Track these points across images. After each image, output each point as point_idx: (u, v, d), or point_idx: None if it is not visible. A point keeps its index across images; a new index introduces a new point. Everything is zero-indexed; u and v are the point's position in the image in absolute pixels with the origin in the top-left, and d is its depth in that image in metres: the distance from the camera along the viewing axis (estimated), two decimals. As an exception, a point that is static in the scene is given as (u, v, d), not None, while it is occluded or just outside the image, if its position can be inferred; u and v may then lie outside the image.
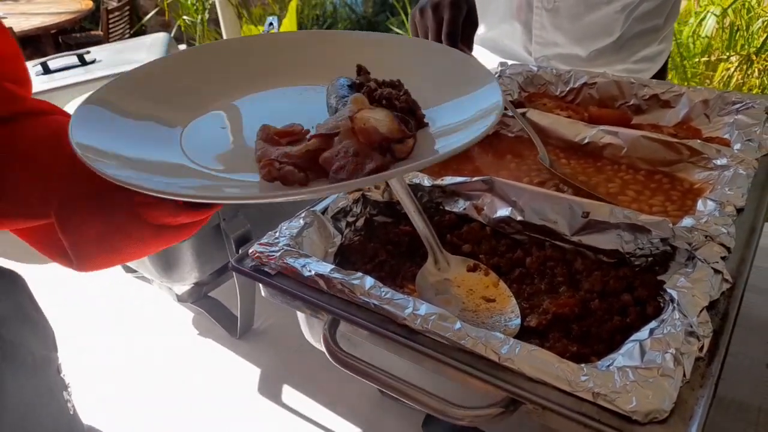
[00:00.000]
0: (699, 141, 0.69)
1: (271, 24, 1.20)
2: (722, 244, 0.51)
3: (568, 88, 0.91)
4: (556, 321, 0.52)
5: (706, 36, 2.42)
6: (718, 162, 0.66)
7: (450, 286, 0.58)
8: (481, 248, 0.62)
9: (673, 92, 0.84)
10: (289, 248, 0.55)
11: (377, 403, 0.68)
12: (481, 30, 1.17)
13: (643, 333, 0.45)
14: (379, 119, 0.43)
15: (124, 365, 0.78)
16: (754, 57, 2.27)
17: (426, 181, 0.66)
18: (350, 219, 0.65)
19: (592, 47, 1.06)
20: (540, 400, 0.39)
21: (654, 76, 1.11)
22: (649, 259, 0.55)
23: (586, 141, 0.75)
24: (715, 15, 2.42)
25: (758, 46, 2.27)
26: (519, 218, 0.60)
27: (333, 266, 0.53)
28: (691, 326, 0.43)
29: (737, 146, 0.68)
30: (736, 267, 0.51)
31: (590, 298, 0.54)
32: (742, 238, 0.54)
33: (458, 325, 0.45)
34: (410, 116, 0.46)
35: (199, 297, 0.84)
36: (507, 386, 0.41)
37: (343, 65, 0.52)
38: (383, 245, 0.64)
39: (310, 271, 0.52)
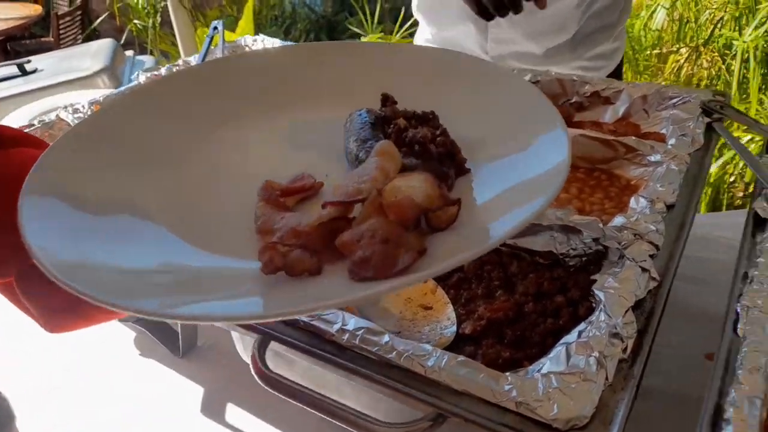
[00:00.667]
0: (634, 138, 0.70)
1: (215, 28, 1.17)
2: (651, 242, 0.52)
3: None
4: (490, 326, 0.52)
5: (657, 29, 2.47)
6: (652, 158, 0.66)
7: (387, 295, 0.58)
8: (419, 254, 0.61)
9: (612, 88, 0.84)
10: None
11: (322, 421, 0.66)
12: (434, 30, 1.16)
13: (571, 336, 0.45)
14: (415, 186, 0.33)
15: (64, 387, 0.75)
16: (702, 48, 2.33)
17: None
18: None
19: (547, 44, 1.06)
20: (463, 413, 0.39)
21: (610, 74, 1.11)
22: (584, 258, 0.55)
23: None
24: (664, 8, 2.47)
25: (706, 37, 2.33)
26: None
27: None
28: (616, 327, 0.43)
29: (672, 141, 0.69)
30: (664, 264, 0.51)
31: (525, 301, 0.53)
32: (672, 234, 0.54)
33: (386, 338, 0.44)
34: (449, 161, 0.37)
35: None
36: (432, 399, 0.40)
37: (361, 88, 0.43)
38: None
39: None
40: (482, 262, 0.58)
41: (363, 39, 3.47)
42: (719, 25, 2.33)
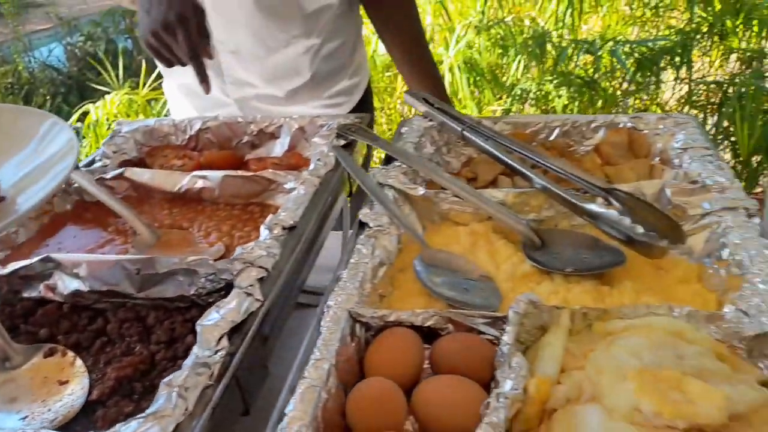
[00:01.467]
0: (270, 171, 0.76)
1: None
2: (261, 266, 0.57)
3: (187, 136, 0.94)
4: (120, 385, 0.52)
5: (383, 53, 2.72)
6: (288, 186, 0.73)
7: (20, 382, 0.55)
8: (60, 328, 0.59)
9: (274, 124, 0.91)
10: None
11: None
12: (175, 80, 1.13)
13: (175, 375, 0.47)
14: None
15: None
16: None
17: (-7, 273, 0.61)
18: None
19: (286, 87, 1.07)
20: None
21: (355, 107, 1.14)
22: (216, 294, 0.59)
23: (183, 189, 0.78)
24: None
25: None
26: (87, 289, 0.59)
27: None
28: (204, 357, 0.46)
29: (311, 167, 0.77)
30: (273, 283, 0.56)
31: (157, 350, 0.55)
32: (286, 254, 0.60)
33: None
34: None
35: None
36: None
37: None
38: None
39: None
40: (122, 320, 0.58)
41: (111, 96, 3.30)
42: (431, 44, 2.65)
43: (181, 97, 1.16)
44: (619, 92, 2.55)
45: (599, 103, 2.47)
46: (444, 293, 0.57)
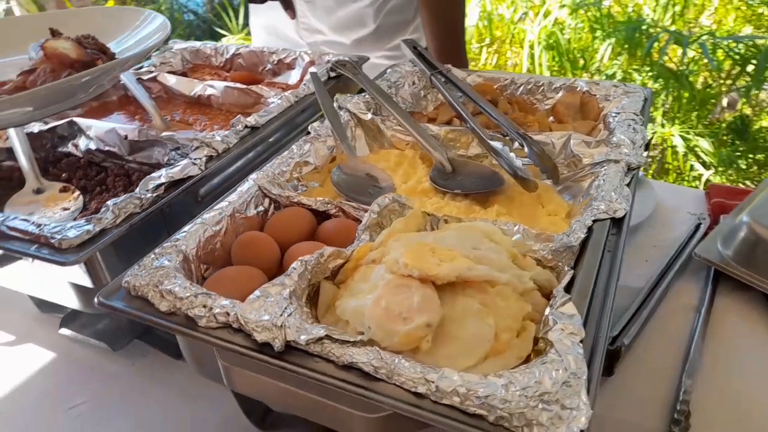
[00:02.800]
0: (260, 86, 0.92)
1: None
2: (212, 147, 0.72)
3: (224, 59, 1.12)
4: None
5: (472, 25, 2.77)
6: (270, 100, 0.88)
7: (39, 203, 0.75)
8: (75, 175, 0.79)
9: (291, 56, 1.06)
10: None
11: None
12: (260, 20, 1.33)
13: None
14: (67, 47, 0.62)
15: None
16: (507, 43, 2.66)
17: (37, 129, 0.82)
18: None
19: (352, 37, 1.22)
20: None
21: None
22: (184, 167, 0.75)
23: (197, 95, 0.95)
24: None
25: (511, 33, 2.66)
26: (95, 147, 0.79)
27: None
28: (137, 194, 0.63)
29: (302, 87, 0.91)
30: (218, 160, 0.72)
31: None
32: (239, 144, 0.75)
33: None
34: (102, 54, 0.68)
35: None
36: None
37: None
38: (-5, 179, 0.79)
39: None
40: (115, 175, 0.77)
41: (227, 38, 3.63)
42: (516, 22, 2.67)
43: (264, 35, 1.34)
44: (710, 89, 2.43)
45: (684, 98, 2.38)
46: (344, 191, 0.69)
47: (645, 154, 0.69)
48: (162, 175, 0.66)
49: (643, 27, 2.48)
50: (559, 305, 0.46)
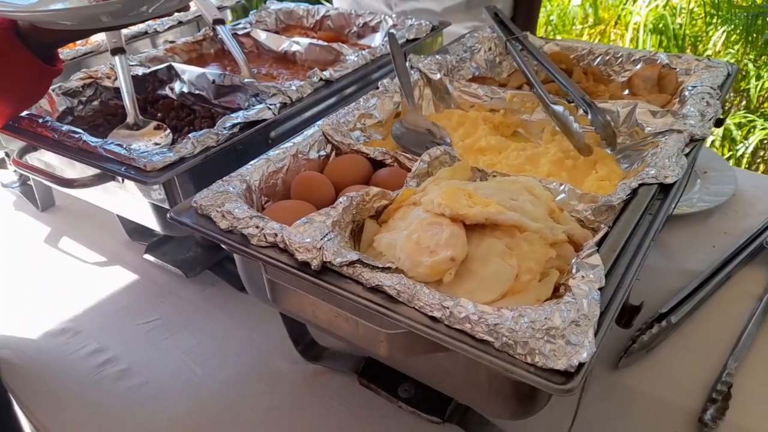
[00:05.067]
0: (339, 44, 0.96)
1: None
2: (286, 94, 0.78)
3: (314, 20, 1.18)
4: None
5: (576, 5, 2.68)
6: (349, 58, 0.92)
7: (136, 137, 0.85)
8: (169, 116, 0.88)
9: (376, 20, 1.10)
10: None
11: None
12: None
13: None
14: None
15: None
16: (611, 25, 2.54)
17: (141, 71, 0.92)
18: (82, 98, 0.91)
19: (445, 4, 1.24)
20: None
21: None
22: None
23: (284, 50, 1.02)
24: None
25: (615, 16, 2.54)
26: (187, 90, 0.87)
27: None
28: (214, 131, 0.70)
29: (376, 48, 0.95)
30: (291, 106, 0.77)
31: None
32: (312, 93, 0.80)
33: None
34: None
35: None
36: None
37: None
38: (104, 115, 0.90)
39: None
40: (202, 117, 0.85)
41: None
42: (624, 3, 2.54)
43: (354, 6, 1.38)
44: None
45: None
46: (402, 143, 0.72)
47: (712, 128, 0.66)
48: (239, 116, 0.73)
49: None
50: (584, 256, 0.47)
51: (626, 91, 0.84)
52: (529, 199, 0.54)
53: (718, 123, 0.70)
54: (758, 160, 2.26)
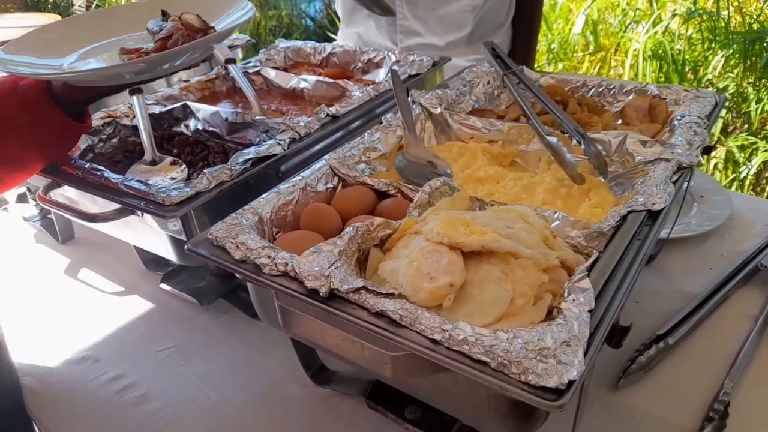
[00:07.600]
0: (345, 80, 1.01)
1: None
2: (295, 131, 0.82)
3: (321, 57, 1.23)
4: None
5: (577, 33, 2.74)
6: (354, 94, 0.97)
7: (152, 173, 0.89)
8: (184, 151, 0.93)
9: (380, 56, 1.15)
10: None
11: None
12: (348, 28, 1.43)
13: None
14: (192, 19, 0.78)
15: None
16: (611, 52, 2.60)
17: (158, 110, 0.97)
18: (102, 136, 0.96)
19: (447, 39, 1.29)
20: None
21: None
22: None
23: (292, 87, 1.07)
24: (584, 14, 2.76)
25: (615, 43, 2.60)
26: (201, 127, 0.92)
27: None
28: (228, 166, 0.74)
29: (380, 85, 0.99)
30: (300, 141, 0.81)
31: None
32: (319, 129, 0.85)
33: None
34: (208, 28, 0.79)
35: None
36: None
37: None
38: (123, 152, 0.95)
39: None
40: (215, 152, 0.90)
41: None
42: (624, 30, 2.60)
43: (359, 43, 1.43)
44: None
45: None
46: (404, 175, 0.76)
47: (699, 156, 0.69)
48: (251, 152, 0.77)
49: (766, 39, 2.33)
50: (576, 280, 0.50)
51: (619, 121, 0.88)
52: (524, 227, 0.58)
53: (707, 150, 0.73)
54: (762, 181, 2.28)
